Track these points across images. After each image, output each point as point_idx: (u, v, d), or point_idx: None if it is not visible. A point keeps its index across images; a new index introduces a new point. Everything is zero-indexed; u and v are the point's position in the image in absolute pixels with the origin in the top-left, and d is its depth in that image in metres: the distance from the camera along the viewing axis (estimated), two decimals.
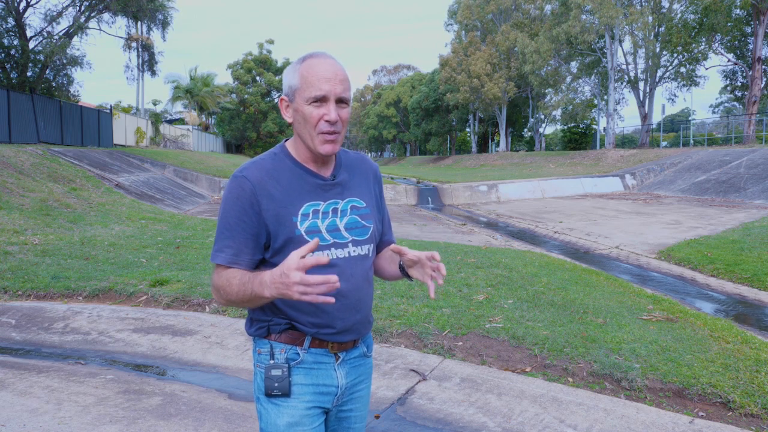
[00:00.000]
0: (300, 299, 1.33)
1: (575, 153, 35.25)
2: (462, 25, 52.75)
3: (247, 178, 1.54)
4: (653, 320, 5.05)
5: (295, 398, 1.57)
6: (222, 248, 1.54)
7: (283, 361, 1.58)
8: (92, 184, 15.02)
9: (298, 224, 1.55)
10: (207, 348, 4.48)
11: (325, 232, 1.58)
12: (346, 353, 1.65)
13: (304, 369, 1.59)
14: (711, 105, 69.32)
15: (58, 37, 22.89)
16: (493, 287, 6.05)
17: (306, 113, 1.53)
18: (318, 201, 1.59)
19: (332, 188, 1.63)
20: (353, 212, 1.65)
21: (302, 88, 1.53)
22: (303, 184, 1.59)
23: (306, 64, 1.54)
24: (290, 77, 1.57)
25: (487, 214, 18.10)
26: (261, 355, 1.61)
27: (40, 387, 3.73)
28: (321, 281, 1.31)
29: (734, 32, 32.15)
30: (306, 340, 1.59)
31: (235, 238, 1.53)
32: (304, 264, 1.32)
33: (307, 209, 1.57)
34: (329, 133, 1.54)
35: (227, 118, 56.12)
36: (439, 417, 3.33)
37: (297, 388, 1.58)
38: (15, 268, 6.73)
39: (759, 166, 19.91)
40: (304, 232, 1.55)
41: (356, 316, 1.64)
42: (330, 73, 1.53)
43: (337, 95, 1.53)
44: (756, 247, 9.18)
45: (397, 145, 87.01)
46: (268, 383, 1.57)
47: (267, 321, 1.59)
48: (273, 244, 1.55)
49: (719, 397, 3.51)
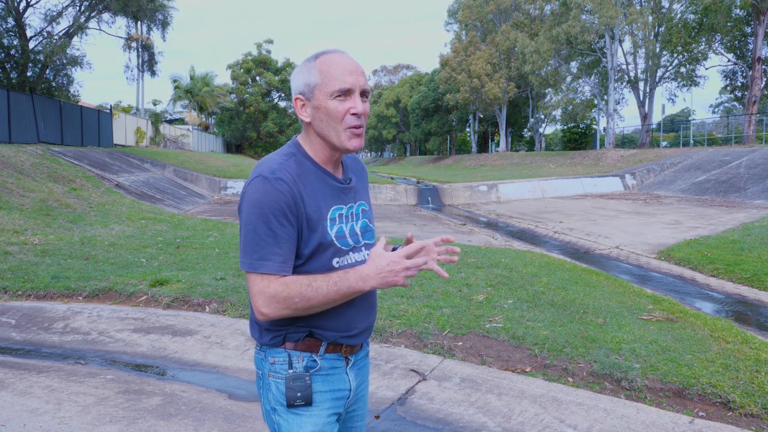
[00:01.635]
0: (403, 283, 1.43)
1: (575, 153, 35.25)
2: (462, 25, 52.75)
3: (283, 180, 1.47)
4: (653, 320, 5.05)
5: (316, 407, 1.55)
6: (267, 256, 1.45)
7: (302, 369, 1.54)
8: (92, 184, 15.02)
9: (329, 229, 1.52)
10: (207, 348, 4.48)
11: (349, 237, 1.57)
12: (354, 356, 1.65)
13: (322, 376, 1.57)
14: (711, 105, 69.33)
15: (58, 37, 22.89)
16: (493, 287, 6.05)
17: (330, 108, 1.48)
18: (341, 205, 1.57)
19: (349, 191, 1.62)
20: (364, 216, 1.65)
21: (324, 83, 1.48)
22: (326, 188, 1.55)
23: (323, 59, 1.51)
24: (305, 75, 1.52)
25: (487, 214, 18.10)
26: (276, 364, 1.55)
27: (40, 387, 3.73)
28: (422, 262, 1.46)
29: (734, 32, 32.14)
30: (322, 347, 1.56)
31: (280, 244, 1.45)
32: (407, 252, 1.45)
33: (333, 213, 1.54)
34: (356, 127, 1.51)
35: (227, 118, 56.10)
36: (439, 417, 3.33)
37: (318, 396, 1.55)
38: (15, 268, 6.73)
39: (759, 166, 19.91)
40: (334, 237, 1.53)
41: (371, 318, 1.66)
42: (352, 66, 1.50)
43: (362, 87, 1.51)
44: (756, 247, 9.18)
45: (397, 145, 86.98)
46: (290, 393, 1.52)
47: (284, 330, 1.54)
48: (304, 250, 1.50)
49: (719, 397, 3.51)
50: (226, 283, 6.10)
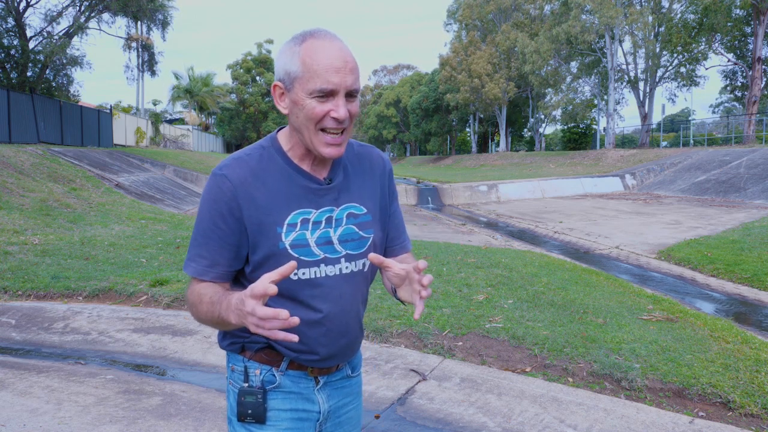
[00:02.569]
0: (255, 332, 1.12)
1: (575, 153, 35.25)
2: (462, 25, 52.75)
3: (227, 177, 1.31)
4: (653, 320, 5.05)
5: (271, 425, 1.39)
6: (194, 257, 1.35)
7: (258, 384, 1.39)
8: (92, 184, 15.02)
9: (283, 236, 1.32)
10: (207, 348, 4.48)
11: (314, 246, 1.35)
12: (327, 377, 1.47)
13: (282, 393, 1.41)
14: (711, 105, 69.39)
15: (58, 37, 22.90)
16: (493, 287, 6.05)
17: (307, 108, 1.27)
18: (309, 209, 1.35)
19: (327, 193, 1.38)
20: (350, 221, 1.41)
21: (304, 78, 1.26)
22: (292, 188, 1.35)
23: (308, 46, 1.27)
24: (287, 60, 1.29)
25: (487, 214, 18.10)
26: (234, 373, 1.43)
27: (40, 387, 3.73)
28: (271, 315, 1.07)
29: (734, 32, 32.15)
30: (284, 363, 1.40)
31: (209, 246, 1.33)
32: (261, 291, 1.09)
33: (294, 218, 1.34)
34: (335, 132, 1.30)
35: (227, 118, 56.16)
36: (439, 417, 3.33)
37: (273, 414, 1.39)
38: (15, 268, 6.73)
39: (759, 166, 19.91)
40: (288, 246, 1.32)
41: (341, 341, 1.43)
42: (340, 61, 1.26)
43: (348, 88, 1.27)
44: (756, 247, 9.18)
45: (397, 145, 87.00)
46: (241, 409, 1.39)
47: (242, 338, 1.40)
48: (252, 257, 1.34)
49: (719, 397, 3.51)
50: None
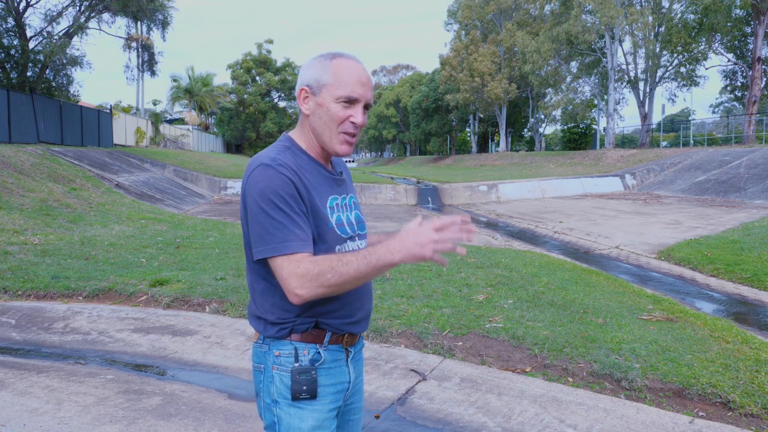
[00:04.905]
0: (432, 256, 1.38)
1: (575, 153, 35.23)
2: (462, 25, 52.71)
3: (285, 165, 1.49)
4: (653, 320, 5.05)
5: (319, 401, 1.56)
6: (288, 237, 1.44)
7: (308, 363, 1.56)
8: (92, 184, 15.02)
9: (329, 216, 1.55)
10: (207, 348, 4.48)
11: (347, 225, 1.60)
12: (353, 347, 1.67)
13: (325, 369, 1.58)
14: (711, 105, 69.36)
15: (58, 37, 22.88)
16: (493, 287, 6.05)
17: (333, 111, 1.53)
18: (336, 195, 1.61)
19: (341, 183, 1.66)
20: (356, 207, 1.70)
21: (334, 86, 1.52)
22: (321, 178, 1.59)
23: (339, 62, 1.54)
24: (318, 70, 1.55)
25: (487, 214, 18.10)
26: (282, 357, 1.56)
27: (40, 387, 3.73)
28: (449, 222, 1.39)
29: (734, 32, 32.14)
30: (326, 337, 1.58)
31: (297, 223, 1.46)
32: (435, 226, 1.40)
33: (331, 202, 1.58)
34: (351, 134, 1.56)
35: (227, 118, 56.13)
36: (439, 417, 3.33)
37: (321, 390, 1.57)
38: (15, 268, 6.73)
39: (759, 166, 19.91)
40: (335, 225, 1.56)
41: (368, 304, 1.68)
42: (365, 78, 1.55)
43: (368, 101, 1.56)
44: (756, 247, 9.18)
45: (397, 145, 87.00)
46: (296, 386, 1.53)
47: (291, 321, 1.55)
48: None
49: (719, 397, 3.51)
50: (226, 283, 6.10)
